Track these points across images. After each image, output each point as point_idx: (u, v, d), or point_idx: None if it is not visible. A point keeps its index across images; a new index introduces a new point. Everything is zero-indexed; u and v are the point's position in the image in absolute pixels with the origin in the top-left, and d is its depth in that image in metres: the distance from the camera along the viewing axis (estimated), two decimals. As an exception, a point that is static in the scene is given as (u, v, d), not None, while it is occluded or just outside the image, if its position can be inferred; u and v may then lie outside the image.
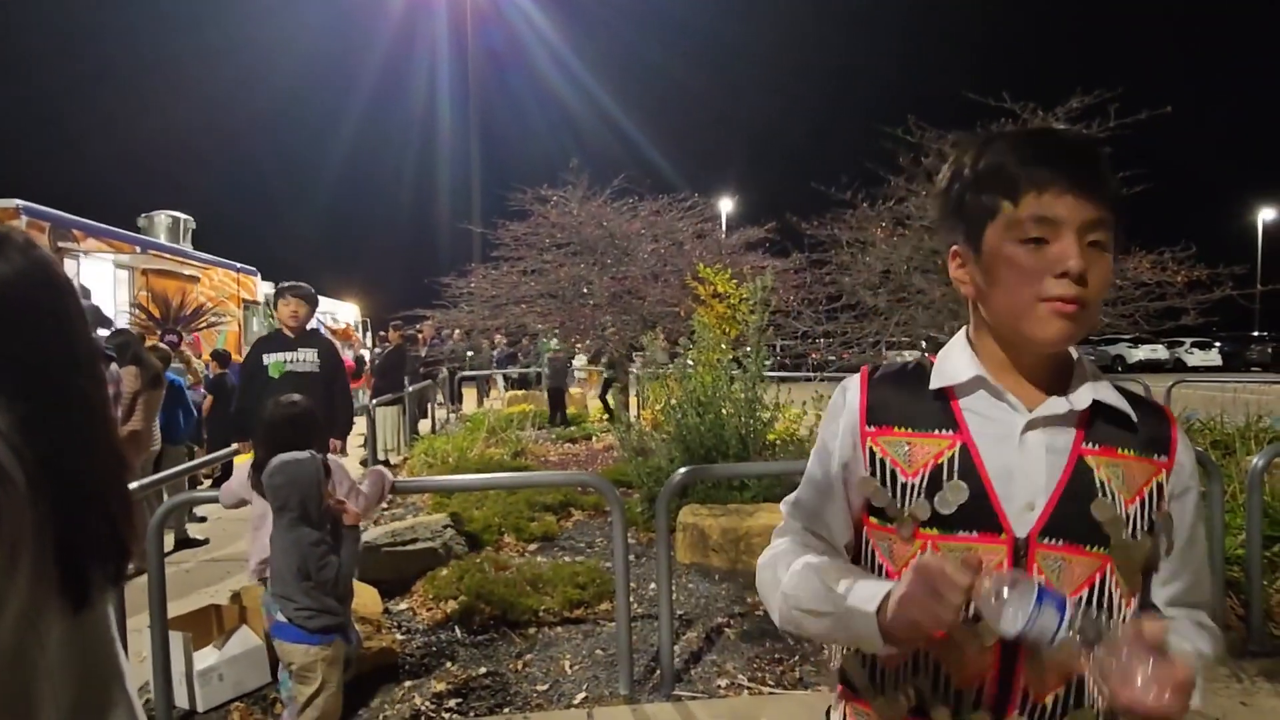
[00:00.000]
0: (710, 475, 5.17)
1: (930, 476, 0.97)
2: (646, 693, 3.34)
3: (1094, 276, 0.90)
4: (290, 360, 4.72)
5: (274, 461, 2.59)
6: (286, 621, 2.52)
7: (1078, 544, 0.93)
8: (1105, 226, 0.91)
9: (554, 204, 9.34)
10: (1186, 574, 1.01)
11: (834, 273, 6.94)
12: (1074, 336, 0.92)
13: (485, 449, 9.05)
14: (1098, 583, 0.93)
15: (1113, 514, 0.93)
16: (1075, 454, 0.95)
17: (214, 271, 14.04)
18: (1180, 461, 0.98)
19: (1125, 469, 0.95)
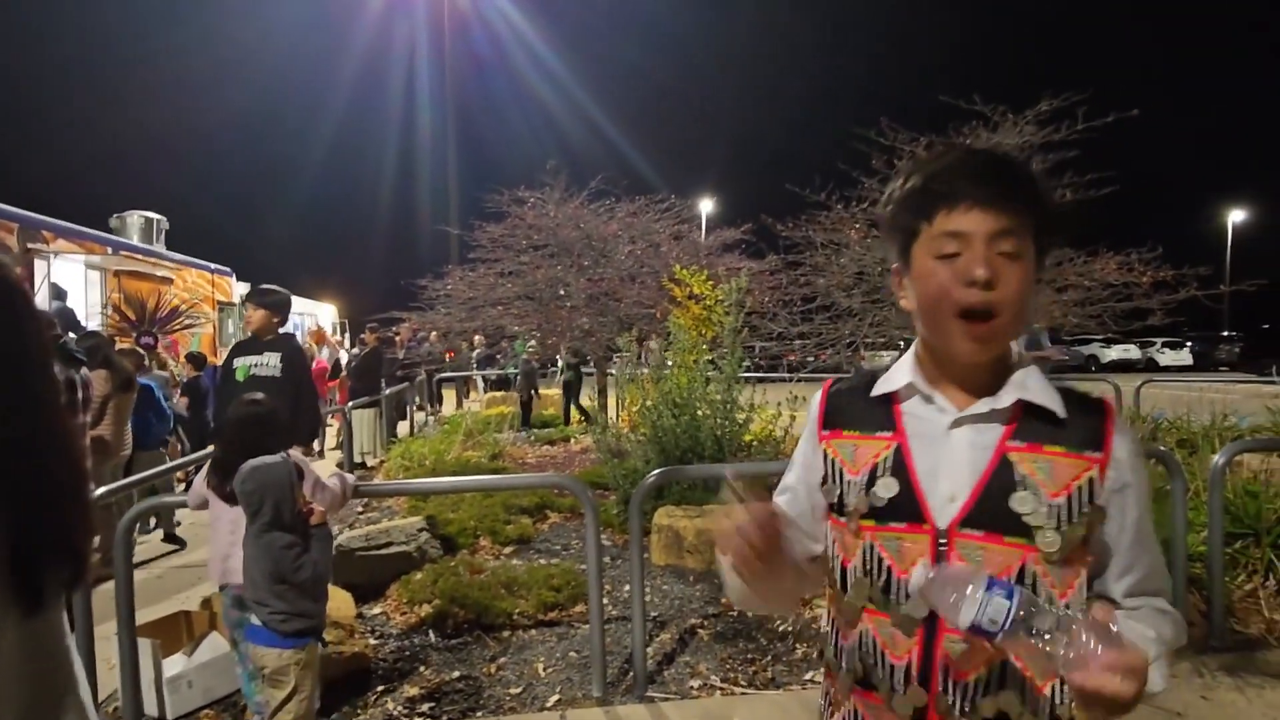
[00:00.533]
0: (683, 476, 5.19)
1: (869, 474, 1.07)
2: (620, 694, 3.35)
3: (1005, 283, 0.96)
4: (254, 365, 4.68)
5: (245, 467, 2.57)
6: (260, 625, 2.50)
7: (997, 534, 0.98)
8: (1016, 235, 0.96)
9: (531, 205, 9.33)
10: (1140, 566, 1.03)
11: (809, 274, 7.00)
12: (988, 349, 0.99)
13: (463, 452, 9.01)
14: (1017, 572, 0.98)
15: (1032, 507, 0.98)
16: (999, 450, 1.01)
17: (188, 272, 13.87)
18: (1117, 457, 1.00)
19: (1053, 464, 0.99)
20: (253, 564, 2.52)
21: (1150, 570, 1.04)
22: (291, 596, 2.51)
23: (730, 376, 6.02)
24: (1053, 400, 1.02)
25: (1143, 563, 1.03)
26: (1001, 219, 0.96)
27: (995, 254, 0.96)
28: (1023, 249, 0.97)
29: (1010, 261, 0.96)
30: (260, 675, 2.56)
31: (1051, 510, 0.98)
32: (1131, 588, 1.03)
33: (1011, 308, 0.97)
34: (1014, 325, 0.99)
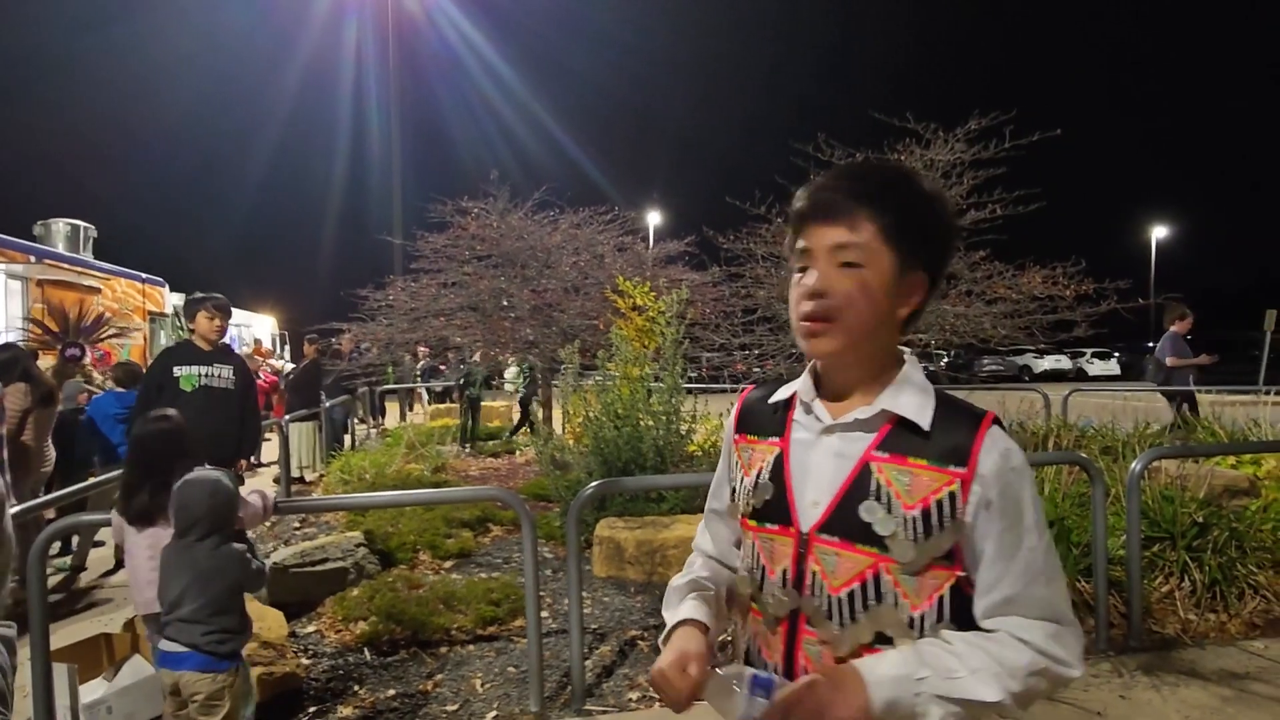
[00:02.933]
0: (622, 488, 5.19)
1: (755, 476, 1.15)
2: (558, 708, 3.33)
3: (841, 289, 1.03)
4: (206, 375, 4.55)
5: (200, 484, 2.49)
6: (187, 650, 2.41)
7: (850, 541, 1.03)
8: (855, 247, 1.02)
9: (475, 216, 9.26)
10: (1005, 585, 1.01)
11: (750, 286, 7.09)
12: (830, 346, 1.05)
13: (404, 465, 8.88)
14: (870, 579, 1.02)
15: (880, 516, 1.01)
16: (863, 460, 1.05)
17: (117, 282, 13.39)
18: (981, 473, 1.00)
19: (913, 476, 1.02)
20: (209, 581, 2.44)
21: (1019, 592, 1.00)
22: (237, 610, 2.44)
23: (671, 388, 6.05)
24: (920, 413, 1.04)
25: (1009, 582, 1.00)
26: (839, 232, 1.03)
27: (836, 265, 1.03)
28: (867, 257, 1.02)
29: (851, 270, 1.03)
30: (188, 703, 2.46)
31: (905, 522, 1.00)
32: (991, 607, 1.01)
33: (849, 313, 1.03)
34: (858, 330, 1.04)
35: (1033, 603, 1.01)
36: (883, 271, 1.03)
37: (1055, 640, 1.00)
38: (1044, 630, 1.00)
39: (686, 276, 8.87)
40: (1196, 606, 4.06)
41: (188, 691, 2.44)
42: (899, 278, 1.04)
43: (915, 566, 1.01)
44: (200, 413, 4.22)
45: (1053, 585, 1.02)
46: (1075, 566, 4.04)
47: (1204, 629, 3.93)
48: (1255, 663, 3.58)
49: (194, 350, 4.58)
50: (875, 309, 1.03)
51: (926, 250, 1.06)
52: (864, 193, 1.03)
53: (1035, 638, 1.00)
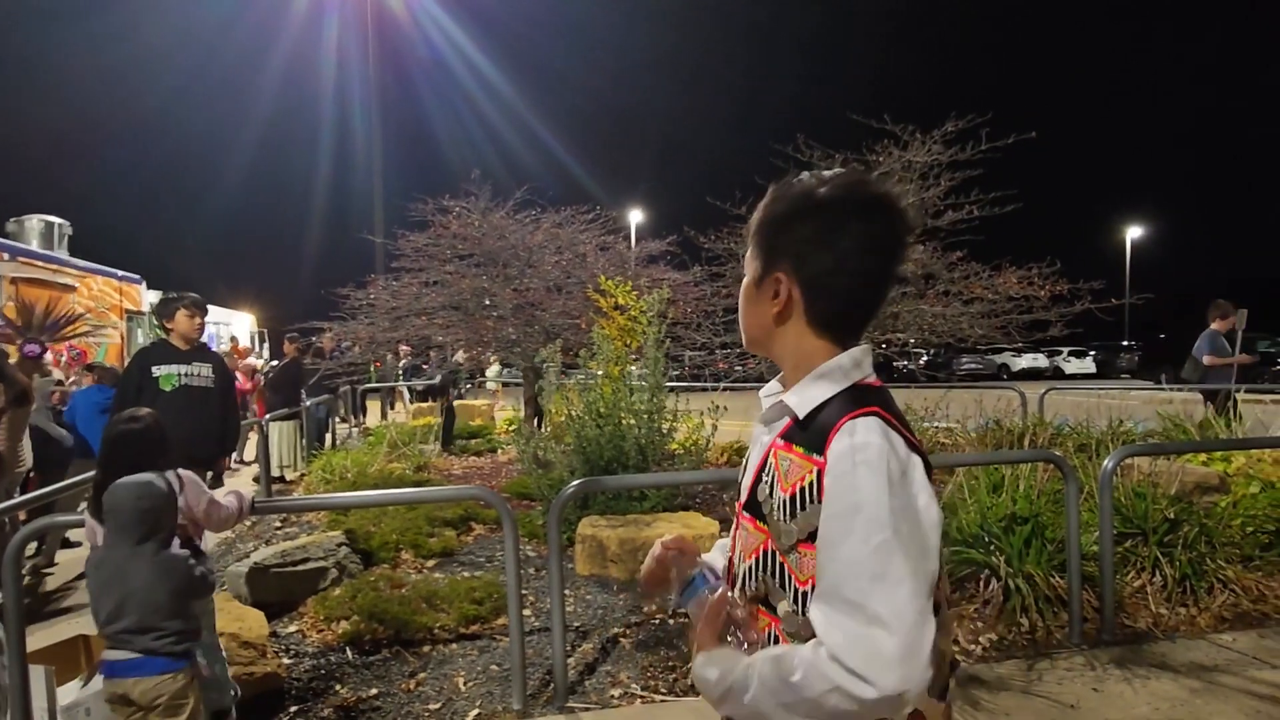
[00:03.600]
0: (603, 487, 5.21)
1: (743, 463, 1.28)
2: (540, 706, 3.35)
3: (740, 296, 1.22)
4: (185, 374, 4.52)
5: (125, 486, 2.44)
6: (145, 655, 2.35)
7: (754, 518, 1.15)
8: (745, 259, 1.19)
9: (456, 215, 9.24)
10: (821, 564, 1.00)
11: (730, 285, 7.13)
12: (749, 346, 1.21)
13: (386, 464, 8.84)
14: (763, 553, 1.12)
15: (764, 497, 1.12)
16: (770, 446, 1.15)
17: (93, 280, 13.24)
18: (828, 460, 1.01)
19: (791, 462, 1.09)
20: (150, 588, 2.38)
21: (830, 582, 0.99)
22: (186, 614, 2.42)
23: (654, 386, 6.08)
24: (802, 404, 1.10)
25: (828, 573, 0.99)
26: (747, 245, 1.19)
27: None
28: (747, 267, 1.18)
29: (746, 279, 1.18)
30: (149, 710, 2.37)
31: (780, 503, 1.08)
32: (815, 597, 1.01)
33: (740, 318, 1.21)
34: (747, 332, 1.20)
35: (837, 590, 0.97)
36: (750, 276, 1.17)
37: (858, 645, 0.92)
38: (850, 633, 0.93)
39: (668, 276, 8.91)
40: (1167, 601, 4.15)
41: (148, 698, 2.36)
42: (759, 278, 1.15)
43: (786, 545, 1.07)
44: (181, 412, 4.20)
45: (881, 585, 0.93)
46: (1049, 562, 4.11)
47: (1174, 623, 4.01)
48: (1224, 655, 3.66)
49: (171, 349, 4.55)
50: (746, 313, 1.19)
51: (781, 246, 1.12)
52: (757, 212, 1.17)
53: (836, 641, 0.94)
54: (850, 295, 1.11)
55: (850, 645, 0.92)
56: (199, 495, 2.95)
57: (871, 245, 1.08)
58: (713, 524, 5.19)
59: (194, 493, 2.94)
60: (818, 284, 1.10)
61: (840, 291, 1.10)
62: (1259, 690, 3.30)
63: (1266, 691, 3.30)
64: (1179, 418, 7.07)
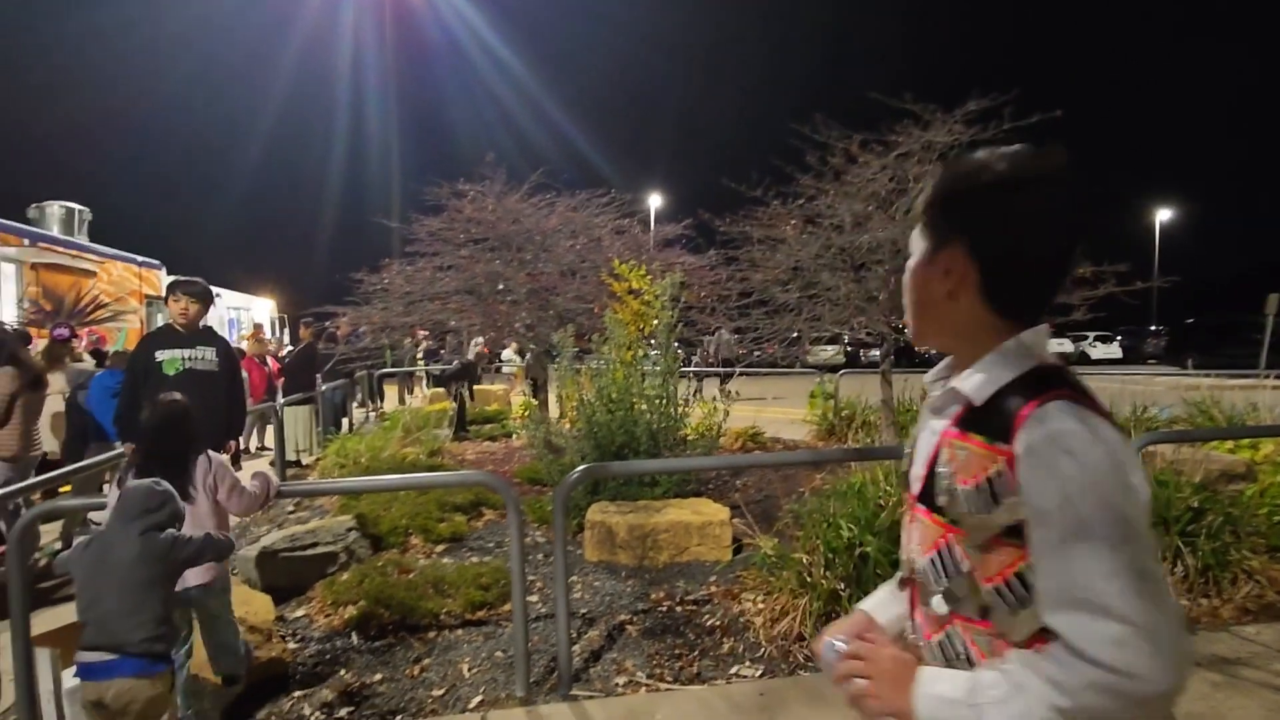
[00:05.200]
0: (609, 473, 5.16)
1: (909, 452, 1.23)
2: (544, 693, 3.32)
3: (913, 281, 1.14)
4: (189, 358, 4.52)
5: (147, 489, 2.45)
6: (120, 656, 2.25)
7: (931, 511, 1.09)
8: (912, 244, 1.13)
9: (471, 199, 9.19)
10: (1046, 568, 0.94)
11: (745, 269, 7.03)
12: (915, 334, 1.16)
13: (400, 449, 8.85)
14: (943, 548, 1.07)
15: (943, 489, 1.06)
16: (944, 436, 1.08)
17: (113, 265, 13.35)
18: (1017, 452, 0.95)
19: (970, 453, 1.02)
20: (130, 568, 2.31)
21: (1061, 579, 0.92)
22: (165, 603, 2.36)
23: (666, 371, 6.01)
24: (980, 389, 1.04)
25: (1053, 566, 0.93)
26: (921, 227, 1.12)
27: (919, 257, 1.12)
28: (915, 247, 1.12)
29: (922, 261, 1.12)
30: (120, 714, 2.26)
31: (961, 496, 1.02)
32: (1044, 594, 0.94)
33: (907, 304, 1.15)
34: (915, 316, 1.14)
35: (1082, 599, 0.90)
36: (920, 256, 1.11)
37: (1119, 647, 0.87)
38: (1105, 637, 0.88)
39: (683, 260, 8.81)
40: (1189, 592, 4.04)
41: (121, 702, 2.23)
42: (930, 257, 1.09)
43: (975, 540, 1.03)
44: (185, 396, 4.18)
45: (1117, 582, 0.88)
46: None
47: (1196, 614, 3.90)
48: (1247, 648, 3.55)
49: (175, 334, 4.54)
50: (916, 295, 1.12)
51: (947, 221, 1.07)
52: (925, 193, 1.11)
53: (1082, 640, 0.89)
54: (1029, 273, 1.05)
55: (1114, 650, 0.87)
56: (225, 477, 2.99)
57: (1052, 221, 1.02)
58: (723, 510, 5.13)
59: (221, 474, 2.98)
60: (995, 261, 1.04)
61: (1018, 269, 1.04)
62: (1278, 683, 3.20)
63: (1290, 686, 3.19)
64: (1205, 404, 6.90)
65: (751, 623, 3.92)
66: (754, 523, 4.81)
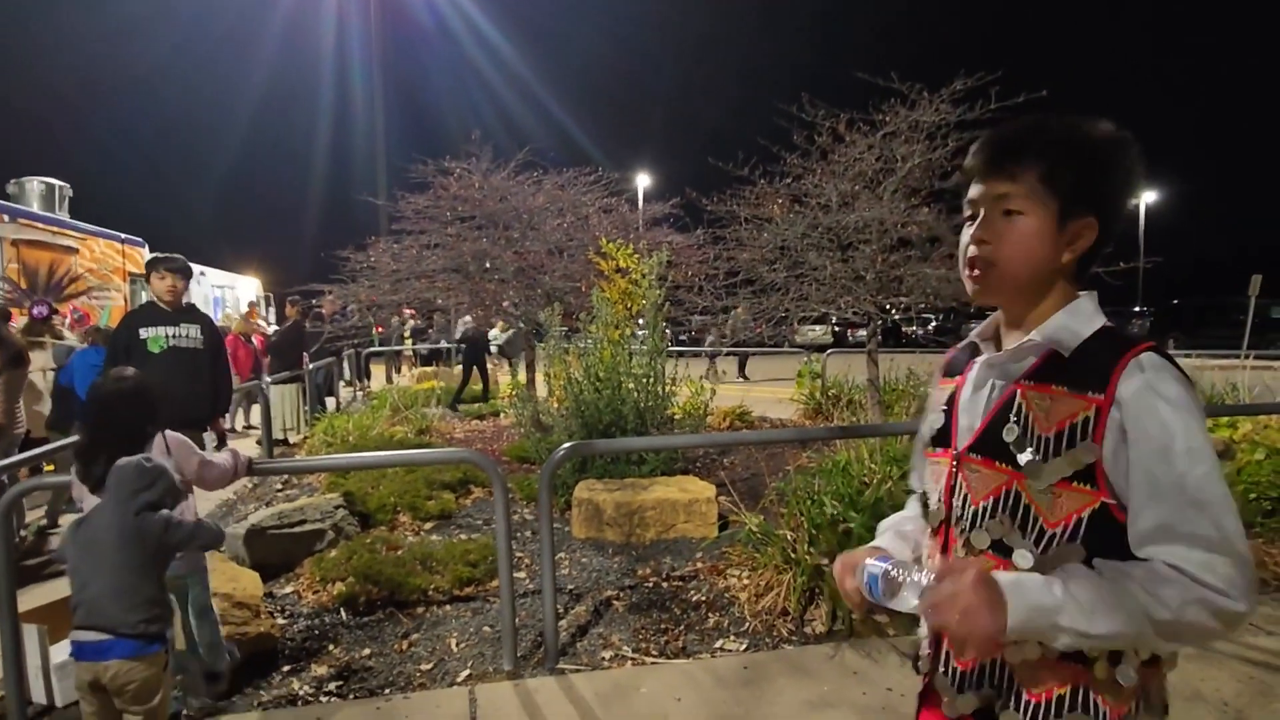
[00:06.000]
0: (593, 450, 5.17)
1: (938, 410, 1.27)
2: (531, 667, 3.36)
3: (1001, 239, 1.12)
4: (173, 335, 4.50)
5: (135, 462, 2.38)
6: (114, 636, 2.21)
7: (990, 459, 1.13)
8: (1015, 196, 1.11)
9: (457, 176, 9.12)
10: (1152, 513, 1.00)
11: (733, 249, 7.04)
12: (987, 291, 1.16)
13: (389, 427, 8.85)
14: (1004, 494, 1.11)
15: (1016, 436, 1.09)
16: (1013, 388, 1.13)
17: (95, 242, 13.19)
18: (1121, 398, 1.02)
19: (1053, 402, 1.08)
20: (122, 548, 2.26)
21: (1169, 519, 1.00)
22: (160, 589, 2.33)
23: (653, 350, 6.02)
24: (1063, 340, 1.10)
25: (1156, 511, 1.00)
26: (1000, 183, 1.12)
27: (999, 213, 1.12)
28: (1028, 205, 1.11)
29: (1012, 219, 1.12)
30: (117, 695, 2.25)
31: (1040, 442, 1.07)
32: (1142, 536, 1.02)
33: (1006, 259, 1.12)
34: (1016, 274, 1.12)
35: (1186, 531, 0.99)
36: (1043, 218, 1.11)
37: (1209, 569, 0.96)
38: (1199, 559, 0.97)
39: (671, 238, 8.80)
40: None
41: (118, 683, 2.22)
42: (1061, 223, 1.11)
43: (1045, 484, 1.06)
44: (170, 374, 4.18)
45: (1209, 513, 0.98)
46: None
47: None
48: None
49: (158, 311, 4.51)
50: (1030, 255, 1.11)
51: (1090, 194, 1.11)
52: (1026, 144, 1.12)
53: (1189, 565, 0.97)
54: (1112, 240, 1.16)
55: (1206, 570, 0.96)
56: (189, 456, 2.94)
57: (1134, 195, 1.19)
58: (709, 488, 5.18)
59: (183, 454, 2.92)
60: (1111, 230, 1.13)
61: (1112, 237, 1.15)
62: (1253, 657, 3.27)
63: (1261, 658, 3.27)
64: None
65: (736, 598, 3.98)
66: (740, 500, 4.86)
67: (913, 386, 8.61)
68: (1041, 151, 1.10)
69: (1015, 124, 1.16)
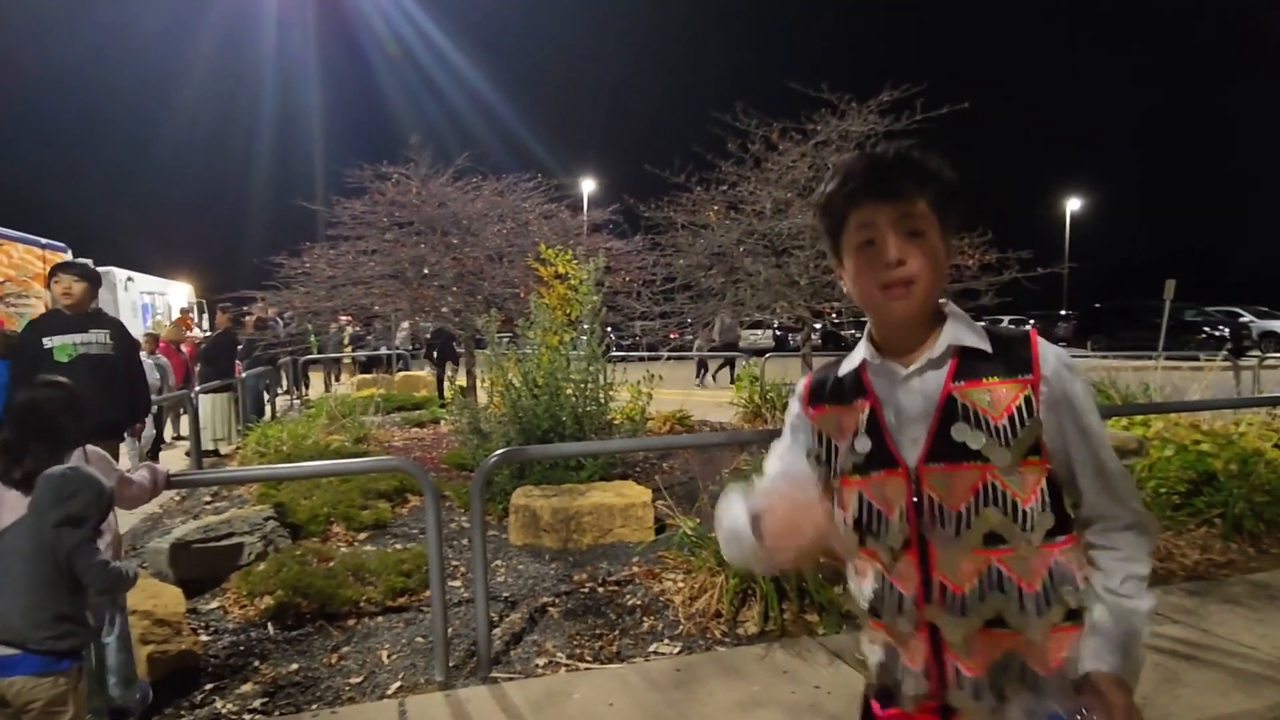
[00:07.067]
0: (526, 456, 5.18)
1: (852, 435, 1.25)
2: (463, 677, 3.34)
3: (914, 257, 1.15)
4: (81, 343, 4.34)
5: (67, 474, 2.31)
6: (21, 652, 2.13)
7: (954, 462, 1.16)
8: (916, 217, 1.16)
9: (395, 182, 9.01)
10: (1086, 473, 1.18)
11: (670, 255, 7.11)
12: (910, 308, 1.17)
13: (325, 436, 8.68)
14: (982, 489, 1.14)
15: (970, 433, 1.15)
16: (945, 391, 1.18)
17: (13, 247, 12.64)
18: (1045, 374, 1.16)
19: (992, 392, 1.16)
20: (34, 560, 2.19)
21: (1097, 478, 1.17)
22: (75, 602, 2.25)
23: (590, 355, 6.04)
24: (980, 340, 1.19)
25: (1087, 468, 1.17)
26: (899, 206, 1.16)
27: (903, 235, 1.15)
28: (926, 226, 1.17)
29: (917, 239, 1.16)
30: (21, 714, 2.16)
31: (996, 431, 1.14)
32: (1086, 507, 1.19)
33: (924, 276, 1.15)
34: (930, 290, 1.17)
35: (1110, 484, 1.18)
36: (937, 238, 1.18)
37: (1146, 544, 1.20)
38: (1138, 540, 1.19)
39: (610, 245, 8.83)
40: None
41: (22, 700, 2.13)
42: (945, 242, 1.20)
43: (1012, 465, 1.14)
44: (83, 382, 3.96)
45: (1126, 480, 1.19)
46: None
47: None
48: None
49: (62, 318, 4.34)
50: (940, 270, 1.18)
51: (955, 218, 1.22)
52: (914, 172, 1.18)
53: (1146, 519, 1.20)
54: None
55: (1144, 545, 1.20)
56: (108, 472, 2.85)
57: None
58: (646, 492, 5.21)
59: (103, 470, 2.83)
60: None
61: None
62: (1160, 645, 3.43)
63: (1167, 646, 3.44)
64: (1103, 384, 7.29)
65: (671, 601, 4.02)
66: (676, 504, 4.91)
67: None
68: (928, 180, 1.18)
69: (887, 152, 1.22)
